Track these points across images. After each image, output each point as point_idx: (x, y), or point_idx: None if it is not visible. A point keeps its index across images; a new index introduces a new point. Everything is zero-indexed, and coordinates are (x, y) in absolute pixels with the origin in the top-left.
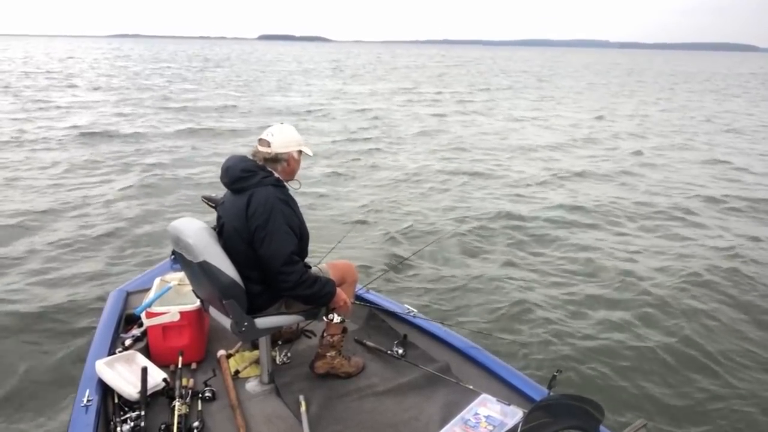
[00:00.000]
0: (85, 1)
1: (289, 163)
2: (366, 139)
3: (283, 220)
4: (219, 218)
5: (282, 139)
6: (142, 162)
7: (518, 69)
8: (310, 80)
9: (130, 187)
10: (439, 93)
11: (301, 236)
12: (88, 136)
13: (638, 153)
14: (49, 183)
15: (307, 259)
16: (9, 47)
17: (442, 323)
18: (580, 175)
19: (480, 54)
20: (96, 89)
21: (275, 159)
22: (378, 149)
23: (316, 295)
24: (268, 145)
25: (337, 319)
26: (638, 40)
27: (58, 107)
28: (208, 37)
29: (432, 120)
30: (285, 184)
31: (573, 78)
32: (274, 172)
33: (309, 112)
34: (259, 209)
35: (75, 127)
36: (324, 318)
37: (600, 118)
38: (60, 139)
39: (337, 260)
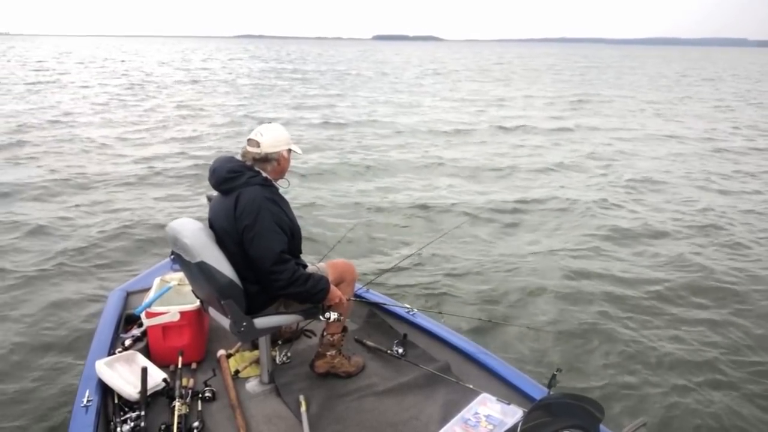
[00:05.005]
0: (211, 3)
1: (279, 162)
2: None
3: (271, 219)
4: (209, 219)
5: (271, 138)
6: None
7: (702, 73)
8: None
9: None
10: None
11: (292, 235)
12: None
13: None
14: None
15: (308, 260)
16: (160, 49)
17: (442, 322)
18: None
19: (610, 53)
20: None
21: (265, 159)
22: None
23: (309, 293)
24: (258, 145)
25: (333, 317)
26: None
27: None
28: (324, 38)
29: None
30: (273, 183)
31: None
32: (262, 171)
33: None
34: (246, 209)
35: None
36: (321, 317)
37: None
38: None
39: (337, 259)
